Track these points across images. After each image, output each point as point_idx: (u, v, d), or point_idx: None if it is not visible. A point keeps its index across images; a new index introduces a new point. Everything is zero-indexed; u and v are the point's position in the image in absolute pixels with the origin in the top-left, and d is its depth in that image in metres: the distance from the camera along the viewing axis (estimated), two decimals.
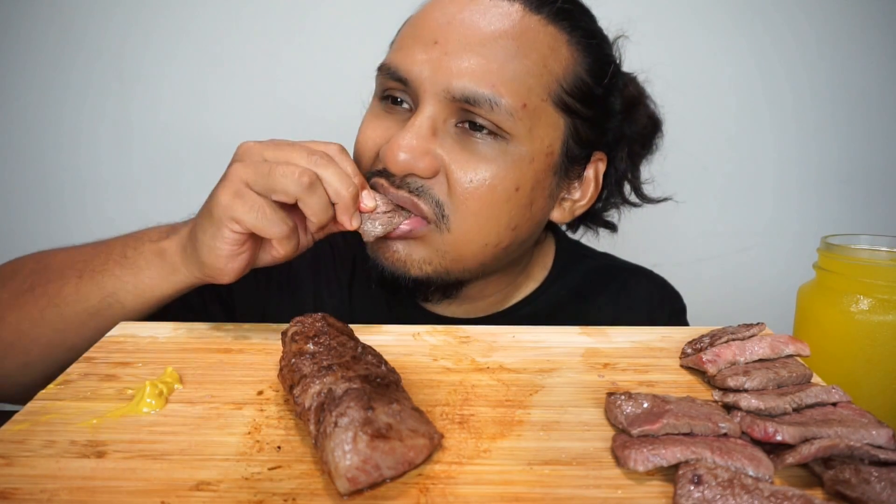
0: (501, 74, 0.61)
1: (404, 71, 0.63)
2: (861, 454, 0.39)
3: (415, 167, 0.61)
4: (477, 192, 0.62)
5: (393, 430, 0.38)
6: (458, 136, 0.63)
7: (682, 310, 0.86)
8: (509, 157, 0.63)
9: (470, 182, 0.62)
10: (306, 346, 0.47)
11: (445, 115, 0.63)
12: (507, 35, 0.62)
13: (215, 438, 0.42)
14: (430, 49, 0.62)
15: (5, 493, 0.36)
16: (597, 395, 0.49)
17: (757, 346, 0.52)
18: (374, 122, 0.67)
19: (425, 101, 0.62)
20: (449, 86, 0.61)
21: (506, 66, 0.61)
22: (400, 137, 0.61)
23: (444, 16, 0.64)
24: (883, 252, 0.67)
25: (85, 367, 0.51)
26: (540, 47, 0.63)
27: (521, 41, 0.63)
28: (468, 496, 0.37)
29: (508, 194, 0.64)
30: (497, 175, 0.63)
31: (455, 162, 0.62)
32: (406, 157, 0.61)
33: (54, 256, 0.66)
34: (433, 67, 0.62)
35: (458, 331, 0.60)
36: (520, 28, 0.63)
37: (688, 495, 0.35)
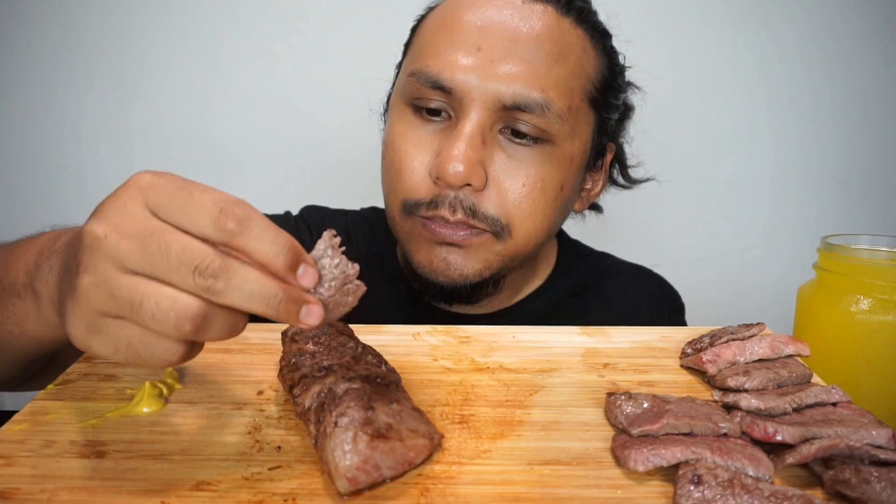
0: (548, 78, 0.62)
1: (448, 79, 0.61)
2: (861, 454, 0.39)
3: (470, 178, 0.61)
4: (528, 198, 0.64)
5: (393, 430, 0.38)
6: (503, 144, 0.64)
7: (680, 308, 0.86)
8: (554, 158, 0.65)
9: (522, 188, 0.64)
10: (306, 346, 0.47)
11: (491, 122, 0.63)
12: (549, 39, 0.63)
13: (215, 438, 0.42)
14: (472, 55, 0.61)
15: (5, 493, 0.36)
16: (597, 395, 0.48)
17: (757, 346, 0.52)
18: (413, 136, 0.65)
19: (472, 109, 0.61)
20: (499, 93, 0.61)
21: (551, 69, 0.62)
22: (454, 149, 0.61)
23: (480, 19, 0.62)
24: (883, 252, 0.67)
25: (85, 367, 0.51)
26: (575, 49, 0.65)
27: (562, 44, 0.64)
28: (468, 496, 0.37)
29: (555, 193, 0.66)
30: (545, 178, 0.65)
31: (504, 171, 0.64)
32: (463, 169, 0.60)
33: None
34: (480, 74, 0.61)
35: (458, 331, 0.60)
36: (558, 31, 0.64)
37: (688, 495, 0.35)
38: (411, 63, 0.66)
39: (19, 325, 0.48)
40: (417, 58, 0.65)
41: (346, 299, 0.39)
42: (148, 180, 0.35)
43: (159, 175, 0.36)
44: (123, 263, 0.34)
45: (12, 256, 0.49)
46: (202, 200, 0.34)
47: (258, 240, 0.34)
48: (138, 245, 0.34)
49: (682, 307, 0.86)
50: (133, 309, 0.34)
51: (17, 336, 0.49)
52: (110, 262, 0.34)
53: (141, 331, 0.34)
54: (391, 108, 0.70)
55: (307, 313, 0.36)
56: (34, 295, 0.45)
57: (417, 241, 0.67)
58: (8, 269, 0.48)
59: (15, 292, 0.47)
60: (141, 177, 0.36)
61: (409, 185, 0.65)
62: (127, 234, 0.34)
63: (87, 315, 0.35)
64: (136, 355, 0.35)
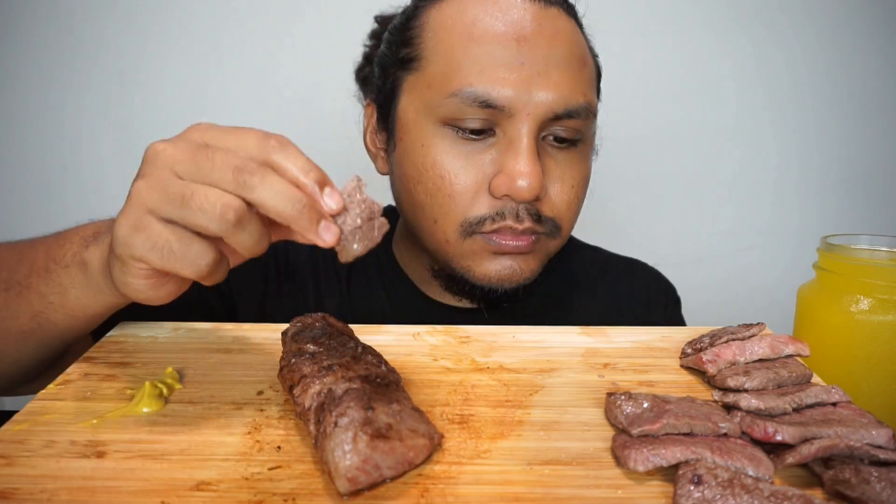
0: (585, 82, 0.65)
1: (498, 98, 0.61)
2: (861, 454, 0.39)
3: (540, 191, 0.63)
4: (576, 197, 0.68)
5: (393, 430, 0.38)
6: (549, 151, 0.66)
7: (677, 301, 0.87)
8: (585, 156, 0.69)
9: (571, 189, 0.67)
10: (306, 346, 0.47)
11: (539, 131, 0.64)
12: (573, 43, 0.65)
13: (215, 438, 0.42)
14: (517, 70, 0.61)
15: (5, 493, 0.36)
16: (597, 395, 0.49)
17: (757, 346, 0.52)
18: (460, 156, 0.64)
19: (524, 123, 0.62)
20: (550, 103, 0.62)
21: (583, 73, 0.65)
22: (523, 166, 0.62)
23: (513, 29, 0.62)
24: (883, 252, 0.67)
25: (85, 367, 0.51)
26: (586, 48, 0.68)
27: (581, 47, 0.66)
28: (468, 496, 0.37)
29: (587, 188, 0.70)
30: (584, 177, 0.69)
31: (556, 177, 0.66)
32: (534, 184, 0.62)
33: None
34: (529, 88, 0.61)
35: (458, 331, 0.60)
36: (574, 34, 0.66)
37: (688, 495, 0.35)
38: (445, 80, 0.63)
39: (62, 294, 0.51)
40: (453, 75, 0.63)
41: (371, 233, 0.42)
42: (206, 124, 0.42)
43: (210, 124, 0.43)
44: (176, 170, 0.40)
45: (67, 235, 0.53)
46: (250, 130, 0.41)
47: (294, 157, 0.40)
48: (190, 156, 0.40)
49: (678, 300, 0.87)
50: (184, 201, 0.39)
51: (58, 307, 0.52)
52: (165, 169, 0.40)
53: (180, 231, 0.40)
54: (413, 129, 0.66)
55: (325, 228, 0.41)
56: (83, 264, 0.49)
57: (479, 257, 0.67)
58: (62, 244, 0.52)
59: (63, 263, 0.51)
60: (199, 123, 0.42)
61: (467, 205, 0.64)
62: (182, 149, 0.40)
63: (136, 212, 0.40)
64: (172, 253, 0.40)
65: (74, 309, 0.52)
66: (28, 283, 0.53)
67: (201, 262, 0.40)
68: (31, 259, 0.54)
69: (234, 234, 0.40)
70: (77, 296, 0.51)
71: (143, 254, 0.40)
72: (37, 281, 0.52)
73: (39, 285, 0.52)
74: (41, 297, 0.52)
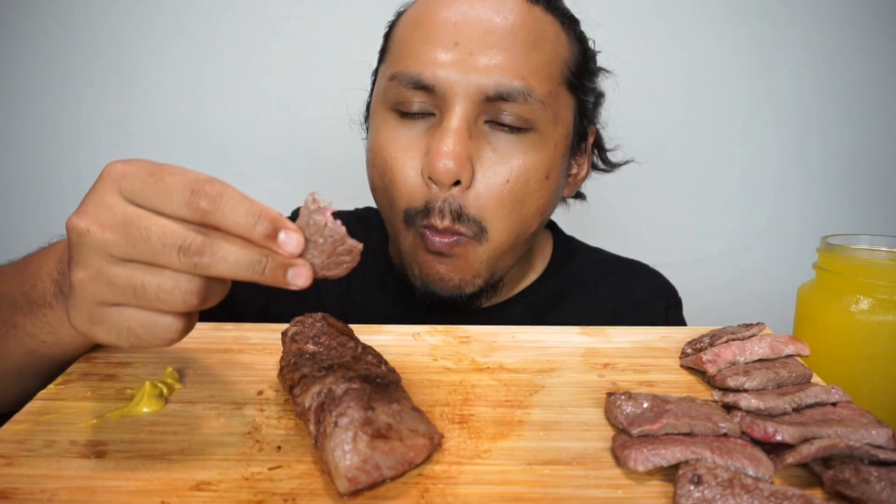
0: (527, 66, 0.63)
1: (429, 77, 0.62)
2: (861, 454, 0.39)
3: (460, 174, 0.62)
4: (512, 190, 0.64)
5: (393, 430, 0.38)
6: (487, 135, 0.64)
7: (678, 302, 0.87)
8: (538, 146, 0.65)
9: (506, 182, 0.63)
10: (306, 346, 0.47)
11: (476, 114, 0.63)
12: (523, 27, 0.63)
13: (215, 438, 0.42)
14: (451, 50, 0.62)
15: (5, 493, 0.36)
16: (597, 395, 0.49)
17: (757, 346, 0.52)
18: (401, 141, 0.65)
19: (456, 104, 0.62)
20: (481, 84, 0.61)
21: (529, 57, 0.63)
22: (443, 145, 0.60)
23: (454, 15, 0.63)
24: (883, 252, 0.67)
25: (85, 367, 0.51)
26: (549, 35, 0.66)
27: (536, 32, 0.64)
28: (468, 496, 0.37)
29: (540, 183, 0.66)
30: (529, 168, 0.64)
31: (488, 164, 0.64)
32: (452, 166, 0.60)
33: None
34: (461, 68, 0.61)
35: (458, 331, 0.60)
36: (531, 19, 0.64)
37: (688, 495, 0.35)
38: (390, 66, 0.66)
39: (53, 333, 0.49)
40: (395, 60, 0.65)
41: (345, 258, 0.38)
42: (119, 169, 0.36)
43: (130, 163, 0.37)
44: (111, 253, 0.35)
45: (33, 269, 0.50)
46: (173, 184, 0.35)
47: (233, 213, 0.35)
48: (121, 235, 0.35)
49: (679, 301, 0.86)
50: (136, 294, 0.35)
51: (51, 345, 0.50)
52: (98, 255, 0.35)
53: (140, 313, 0.36)
54: (372, 116, 0.69)
55: (295, 275, 0.36)
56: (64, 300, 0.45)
57: (415, 253, 0.68)
58: (34, 283, 0.49)
59: (46, 304, 0.48)
60: (112, 167, 0.37)
61: (406, 193, 0.65)
62: (107, 226, 0.35)
63: (86, 307, 0.36)
64: (139, 338, 0.37)
65: (71, 343, 0.50)
66: (15, 322, 0.50)
67: (171, 335, 0.37)
68: (9, 298, 0.51)
69: (201, 305, 0.37)
70: (69, 332, 0.48)
71: (109, 342, 0.37)
72: (23, 320, 0.49)
73: (27, 325, 0.49)
74: (31, 337, 0.50)
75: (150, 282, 0.35)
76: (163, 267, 0.35)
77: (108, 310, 0.36)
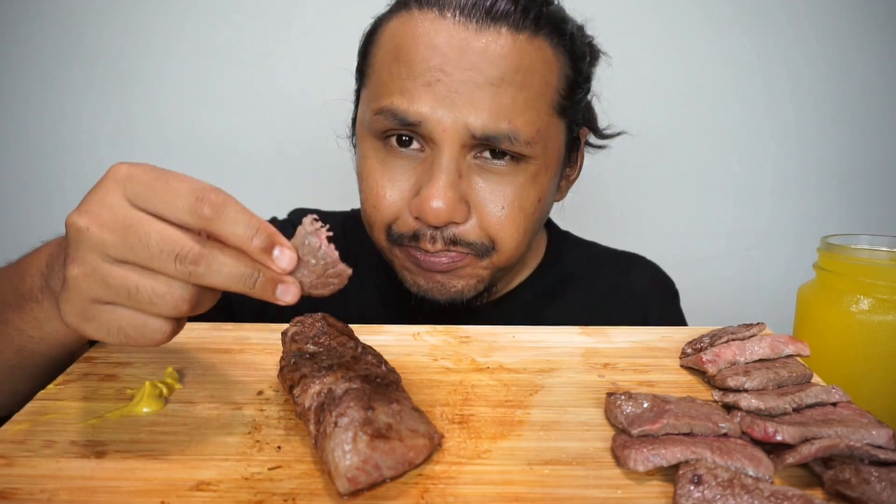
0: (514, 108, 0.61)
1: (416, 115, 0.61)
2: (861, 454, 0.39)
3: (452, 216, 0.62)
4: (511, 217, 0.65)
5: (393, 430, 0.38)
6: (478, 169, 0.64)
7: (675, 294, 0.86)
8: (529, 174, 0.65)
9: (502, 210, 0.65)
10: (306, 346, 0.47)
11: (465, 152, 0.63)
12: (510, 67, 0.61)
13: (215, 438, 0.42)
14: (434, 88, 0.60)
15: (5, 493, 0.36)
16: (597, 395, 0.48)
17: (757, 346, 0.52)
18: (387, 172, 0.65)
19: (444, 143, 0.61)
20: (468, 125, 0.61)
21: (516, 98, 0.61)
22: (434, 190, 0.61)
23: (434, 52, 0.60)
24: (883, 252, 0.67)
25: (85, 367, 0.51)
26: (538, 67, 0.63)
27: (522, 68, 0.61)
28: (468, 496, 0.37)
29: (534, 207, 0.67)
30: (522, 195, 0.65)
31: (483, 199, 0.64)
32: (445, 209, 0.61)
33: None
34: (447, 107, 0.60)
35: (458, 331, 0.60)
36: (517, 55, 0.61)
37: (688, 495, 0.35)
38: (375, 100, 0.64)
39: (39, 328, 0.49)
40: (380, 94, 0.64)
41: (333, 280, 0.40)
42: (125, 171, 0.37)
43: (136, 166, 0.37)
44: (108, 254, 0.36)
45: (23, 266, 0.51)
46: (178, 189, 0.36)
47: (233, 223, 0.36)
48: (120, 236, 0.36)
49: (676, 293, 0.86)
50: (129, 295, 0.36)
51: (38, 340, 0.50)
52: (95, 253, 0.36)
53: (131, 314, 0.37)
54: (359, 141, 0.69)
55: (283, 291, 0.38)
56: (51, 294, 0.47)
57: (406, 268, 0.69)
58: (23, 278, 0.50)
59: (33, 297, 0.49)
60: (118, 168, 0.37)
61: (391, 218, 0.66)
62: (108, 226, 0.36)
63: (78, 303, 0.37)
64: (128, 337, 0.38)
65: (57, 339, 0.50)
66: (5, 318, 0.51)
67: (160, 336, 0.38)
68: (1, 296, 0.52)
69: (191, 312, 0.38)
70: (55, 327, 0.49)
71: (98, 338, 0.38)
72: (12, 316, 0.50)
73: (15, 320, 0.50)
74: (20, 332, 0.50)
75: (145, 285, 0.36)
76: (157, 272, 0.36)
77: (100, 307, 0.37)
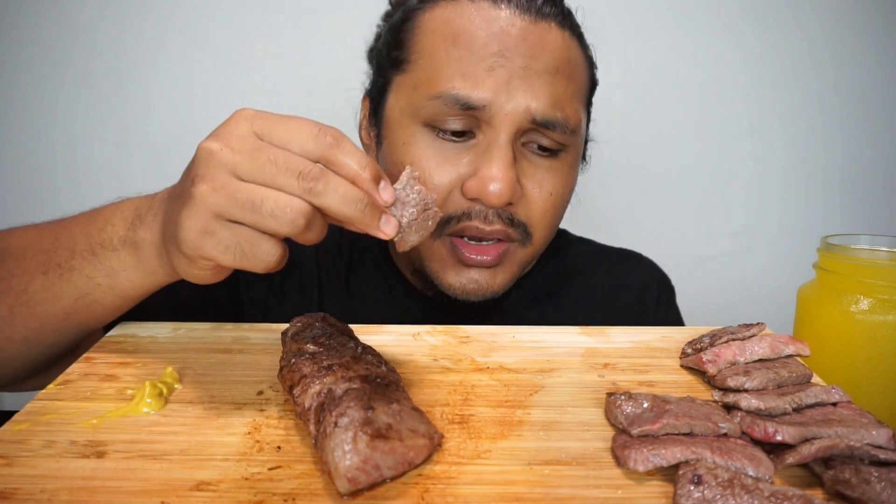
0: (566, 97, 0.65)
1: (478, 99, 0.62)
2: (861, 454, 0.39)
3: (512, 197, 0.63)
4: (553, 205, 0.68)
5: (393, 430, 0.38)
6: (529, 156, 0.66)
7: (670, 290, 0.87)
8: (567, 166, 0.69)
9: (549, 196, 0.67)
10: (306, 346, 0.47)
11: (517, 137, 0.64)
12: (561, 59, 0.64)
13: (215, 438, 0.42)
14: (496, 73, 0.62)
15: (5, 493, 0.36)
16: (597, 395, 0.49)
17: (757, 346, 0.52)
18: (437, 157, 0.64)
19: (502, 127, 0.62)
20: (529, 109, 0.62)
21: (567, 90, 0.65)
22: (496, 171, 0.62)
23: (494, 38, 0.62)
24: (883, 252, 0.67)
25: (85, 367, 0.51)
26: (578, 63, 0.67)
27: (571, 63, 0.66)
28: (468, 496, 0.37)
29: (569, 197, 0.71)
30: (565, 186, 0.69)
31: (533, 181, 0.66)
32: (505, 190, 0.62)
33: (9, 239, 0.58)
34: (508, 91, 0.62)
35: (458, 331, 0.60)
36: (566, 49, 0.65)
37: (688, 495, 0.35)
38: (430, 85, 0.64)
39: (112, 276, 0.52)
40: (436, 79, 0.63)
41: (426, 223, 0.46)
42: (251, 112, 0.43)
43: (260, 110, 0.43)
44: (237, 172, 0.41)
45: (103, 215, 0.53)
46: (301, 123, 0.42)
47: (349, 154, 0.42)
48: (249, 156, 0.41)
49: (672, 289, 0.87)
50: (254, 208, 0.40)
51: (106, 289, 0.53)
52: (226, 171, 0.41)
53: (250, 233, 0.41)
54: (396, 129, 0.67)
55: (385, 222, 0.44)
56: (133, 246, 0.50)
57: (446, 264, 0.68)
58: (102, 227, 0.52)
59: (111, 246, 0.51)
60: (244, 110, 0.43)
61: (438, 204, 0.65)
62: (237, 149, 0.41)
63: (203, 217, 0.41)
64: (243, 254, 0.41)
65: (125, 289, 0.53)
66: (71, 265, 0.53)
67: (270, 258, 0.42)
68: (68, 241, 0.54)
69: (302, 234, 0.42)
70: (128, 277, 0.52)
71: (213, 255, 0.42)
72: (81, 263, 0.53)
73: (85, 268, 0.52)
74: (88, 279, 0.53)
75: (269, 197, 0.40)
76: (281, 190, 0.40)
77: (222, 223, 0.41)
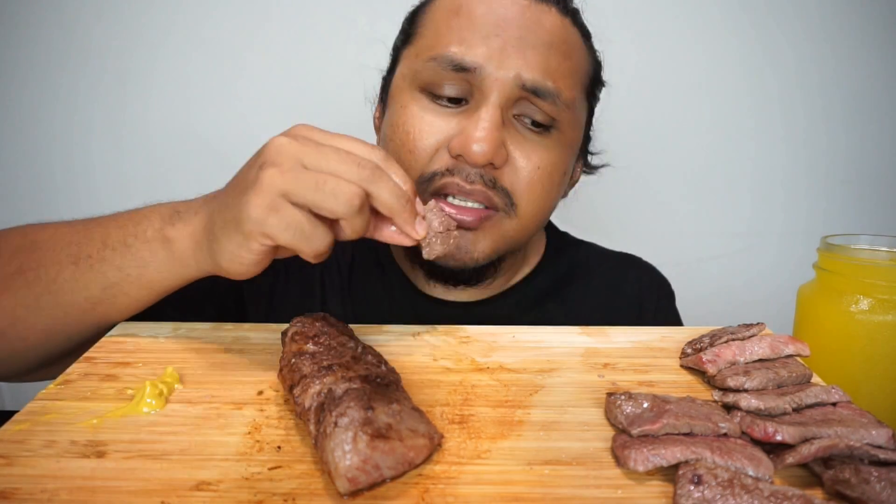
0: (559, 71, 0.66)
1: (472, 62, 0.64)
2: (861, 454, 0.39)
3: (494, 157, 0.64)
4: (540, 180, 0.67)
5: (393, 430, 0.38)
6: (521, 129, 0.67)
7: (670, 294, 0.87)
8: (560, 145, 0.69)
9: (536, 169, 0.67)
10: (306, 346, 0.47)
11: (509, 105, 0.65)
12: (557, 36, 0.67)
13: (215, 438, 0.42)
14: (491, 41, 0.64)
15: (5, 493, 0.36)
16: (597, 395, 0.49)
17: (757, 346, 0.52)
18: (428, 117, 0.66)
19: (492, 91, 0.64)
20: (519, 76, 0.63)
21: (562, 64, 0.67)
22: (479, 129, 0.63)
23: (495, 14, 0.65)
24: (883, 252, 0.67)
25: (85, 367, 0.51)
26: (576, 46, 0.69)
27: (567, 42, 0.68)
28: (468, 496, 0.37)
29: (560, 178, 0.70)
30: (554, 162, 0.68)
31: (521, 151, 0.66)
32: (487, 149, 0.62)
33: (41, 233, 0.60)
34: (501, 58, 0.64)
35: (459, 331, 0.60)
36: (563, 30, 0.68)
37: (688, 495, 0.35)
38: (429, 49, 0.67)
39: (141, 267, 0.55)
40: (435, 45, 0.66)
41: (448, 241, 0.54)
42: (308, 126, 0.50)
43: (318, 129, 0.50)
44: (303, 161, 0.47)
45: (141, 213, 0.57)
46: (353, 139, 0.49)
47: (395, 169, 0.50)
48: (315, 149, 0.47)
49: (671, 293, 0.87)
50: (317, 187, 0.46)
51: (135, 279, 0.56)
52: (294, 160, 0.47)
53: (308, 218, 0.46)
54: (397, 94, 0.70)
55: (419, 222, 0.51)
56: (168, 239, 0.54)
57: None
58: (138, 221, 0.56)
59: (144, 238, 0.55)
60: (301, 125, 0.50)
61: (423, 161, 0.66)
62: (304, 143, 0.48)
63: (270, 195, 0.46)
64: (302, 233, 0.46)
65: (153, 281, 0.56)
66: (102, 256, 0.56)
67: (323, 242, 0.47)
68: (101, 234, 0.57)
69: (353, 217, 0.47)
70: (158, 268, 0.55)
71: (275, 232, 0.46)
72: (112, 255, 0.55)
73: (115, 259, 0.55)
74: (118, 269, 0.55)
75: (329, 179, 0.46)
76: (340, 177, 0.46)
77: (287, 203, 0.46)
